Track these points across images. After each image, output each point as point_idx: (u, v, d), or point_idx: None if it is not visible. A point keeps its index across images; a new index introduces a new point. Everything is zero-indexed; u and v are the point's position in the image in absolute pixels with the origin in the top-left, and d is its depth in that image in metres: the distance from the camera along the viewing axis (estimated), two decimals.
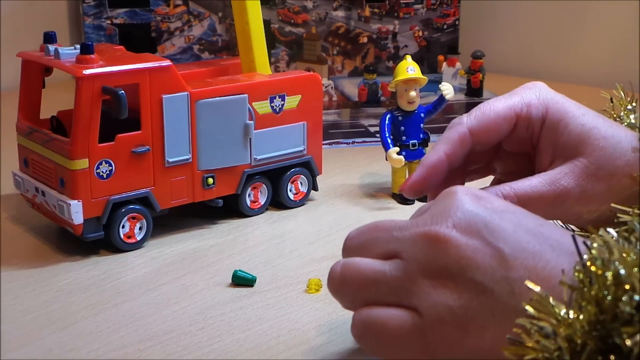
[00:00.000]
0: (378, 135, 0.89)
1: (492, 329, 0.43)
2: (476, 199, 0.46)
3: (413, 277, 0.45)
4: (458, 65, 1.35)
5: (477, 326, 0.43)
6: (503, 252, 0.43)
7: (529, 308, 0.39)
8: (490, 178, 0.64)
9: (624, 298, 0.37)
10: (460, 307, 0.43)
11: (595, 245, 0.39)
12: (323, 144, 0.84)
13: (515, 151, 0.59)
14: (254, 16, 0.82)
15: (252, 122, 0.76)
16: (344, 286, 0.49)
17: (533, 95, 0.57)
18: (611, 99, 0.62)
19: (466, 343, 0.43)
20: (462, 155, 0.58)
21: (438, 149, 0.57)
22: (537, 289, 0.39)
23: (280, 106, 0.79)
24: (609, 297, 0.37)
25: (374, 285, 0.47)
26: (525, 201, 0.54)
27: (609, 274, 0.37)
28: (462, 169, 0.60)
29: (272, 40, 1.33)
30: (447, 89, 0.83)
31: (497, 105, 0.57)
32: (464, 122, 0.57)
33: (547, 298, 0.39)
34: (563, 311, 0.38)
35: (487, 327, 0.43)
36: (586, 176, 0.55)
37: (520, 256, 0.43)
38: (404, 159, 0.82)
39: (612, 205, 0.48)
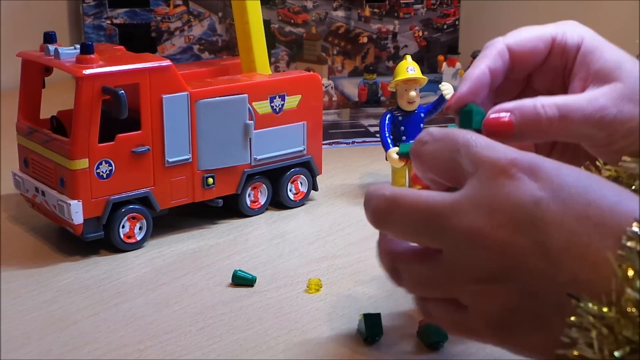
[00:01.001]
0: (378, 135, 0.89)
1: (538, 332, 0.42)
2: (526, 182, 0.43)
3: (457, 281, 0.44)
4: (458, 65, 1.35)
5: (522, 330, 0.43)
6: (549, 251, 0.42)
7: (574, 320, 0.39)
8: None
9: None
10: (506, 310, 0.43)
11: None
12: (323, 144, 0.84)
13: (545, 89, 0.58)
14: (254, 16, 0.82)
15: (252, 122, 0.76)
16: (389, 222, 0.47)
17: (568, 26, 0.58)
18: None
19: (510, 343, 0.44)
20: (502, 73, 0.56)
21: (479, 64, 0.56)
22: (582, 302, 0.39)
23: (280, 106, 0.79)
24: None
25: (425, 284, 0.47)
26: (565, 112, 0.53)
27: None
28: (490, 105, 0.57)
29: (272, 40, 1.33)
30: (447, 89, 0.83)
31: (532, 29, 0.57)
32: (501, 40, 0.57)
33: (593, 307, 0.39)
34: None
35: (533, 331, 0.43)
36: (623, 98, 0.54)
37: (569, 251, 0.42)
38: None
39: None
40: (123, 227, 0.71)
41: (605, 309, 0.38)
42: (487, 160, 0.45)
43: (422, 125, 0.84)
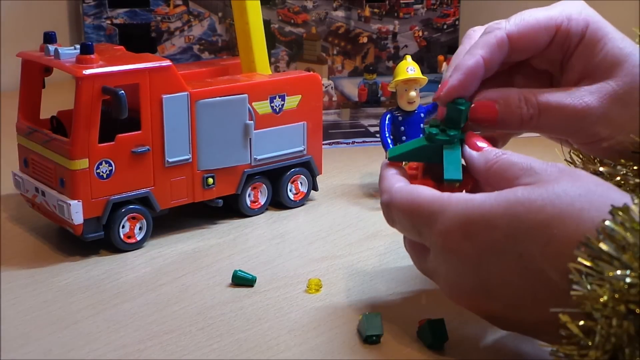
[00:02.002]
0: (378, 135, 0.89)
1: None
2: (465, 255, 0.48)
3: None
4: None
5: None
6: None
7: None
8: None
9: None
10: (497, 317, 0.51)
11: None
12: (323, 144, 0.84)
13: (541, 68, 0.58)
14: (254, 16, 0.82)
15: (252, 122, 0.76)
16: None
17: (574, 9, 0.55)
18: None
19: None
20: (498, 62, 0.55)
21: (475, 53, 0.54)
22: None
23: (280, 106, 0.79)
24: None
25: None
26: (545, 109, 0.53)
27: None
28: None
29: (272, 40, 1.33)
30: None
31: (537, 14, 0.55)
32: (503, 27, 0.55)
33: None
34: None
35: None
36: (613, 99, 0.53)
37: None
38: None
39: (631, 135, 0.49)
40: (123, 227, 0.71)
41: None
42: (433, 235, 0.50)
43: (422, 125, 0.84)
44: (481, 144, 0.53)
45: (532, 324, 0.47)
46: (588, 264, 0.40)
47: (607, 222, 0.40)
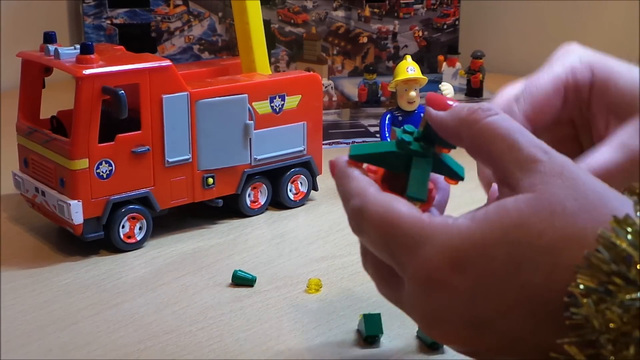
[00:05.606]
0: (378, 135, 0.89)
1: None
2: (454, 288, 0.43)
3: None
4: (458, 65, 1.35)
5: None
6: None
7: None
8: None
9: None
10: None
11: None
12: (323, 144, 0.84)
13: (562, 119, 0.56)
14: (254, 16, 0.82)
15: (252, 122, 0.77)
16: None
17: (574, 58, 0.55)
18: None
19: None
20: None
21: None
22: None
23: (280, 106, 0.79)
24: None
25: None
26: (604, 177, 0.49)
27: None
28: None
29: (272, 40, 1.33)
30: (447, 89, 0.83)
31: (542, 82, 0.54)
32: (516, 112, 0.53)
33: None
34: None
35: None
36: None
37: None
38: None
39: None
40: (123, 227, 0.71)
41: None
42: (413, 267, 0.44)
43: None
44: (450, 102, 0.48)
45: (525, 355, 0.44)
46: (593, 286, 0.37)
47: (611, 238, 0.38)
